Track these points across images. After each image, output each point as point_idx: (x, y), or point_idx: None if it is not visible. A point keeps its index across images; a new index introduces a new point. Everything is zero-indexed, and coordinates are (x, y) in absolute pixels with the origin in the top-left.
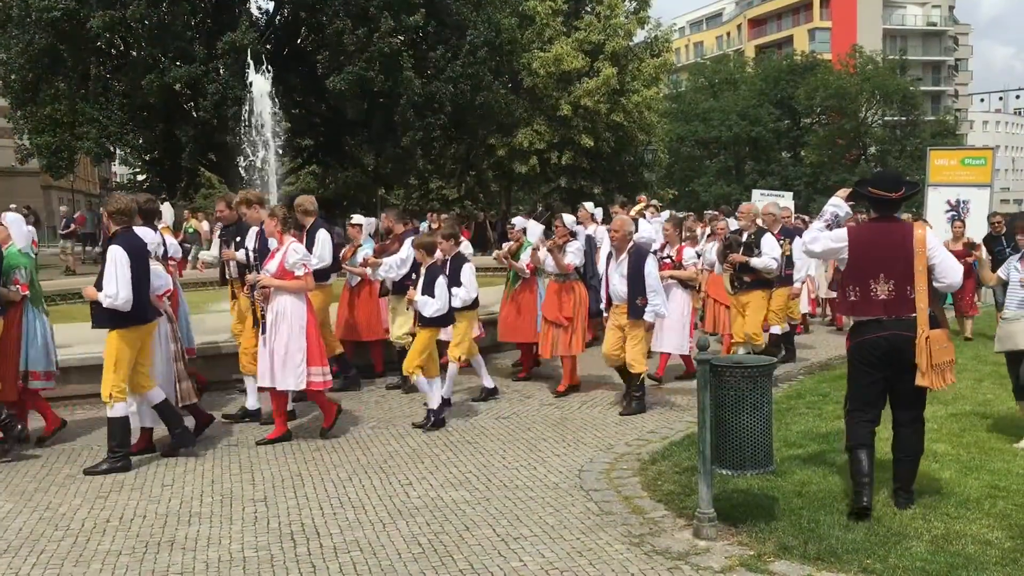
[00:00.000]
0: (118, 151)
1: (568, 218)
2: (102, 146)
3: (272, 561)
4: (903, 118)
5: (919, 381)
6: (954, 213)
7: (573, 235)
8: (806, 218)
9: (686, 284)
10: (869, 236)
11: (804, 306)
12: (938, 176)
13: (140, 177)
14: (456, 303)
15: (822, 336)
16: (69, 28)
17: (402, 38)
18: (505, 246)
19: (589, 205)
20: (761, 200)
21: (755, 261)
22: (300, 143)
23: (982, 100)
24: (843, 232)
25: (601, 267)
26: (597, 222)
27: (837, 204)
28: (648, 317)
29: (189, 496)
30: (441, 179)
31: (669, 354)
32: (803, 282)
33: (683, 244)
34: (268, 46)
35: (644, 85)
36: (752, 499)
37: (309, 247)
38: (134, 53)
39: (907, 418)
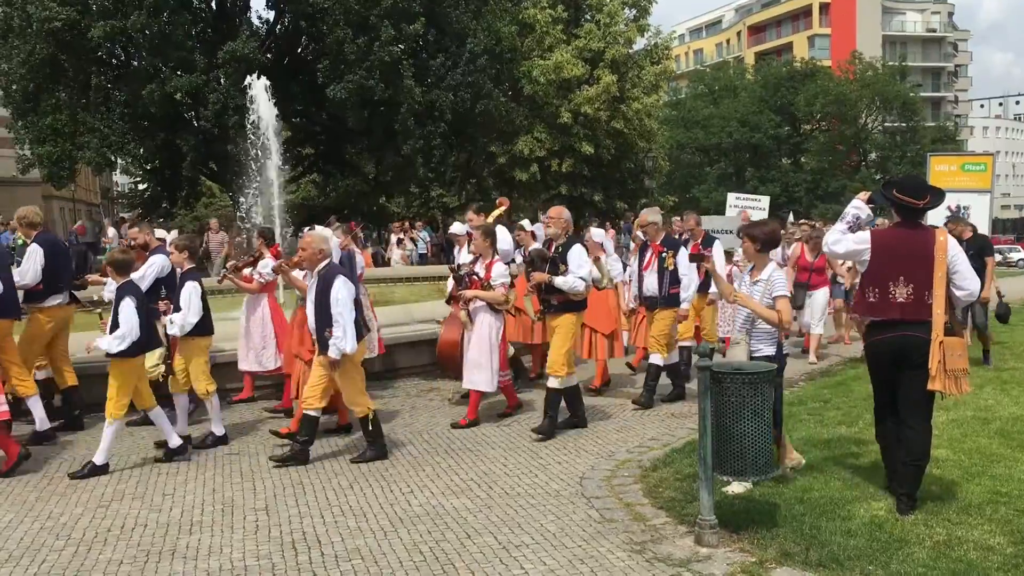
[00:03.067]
0: (119, 161)
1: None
2: (103, 156)
3: (274, 570)
4: (903, 124)
5: (931, 385)
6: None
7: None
8: (816, 223)
9: (495, 307)
10: (892, 240)
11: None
12: (938, 182)
13: (141, 186)
14: (173, 330)
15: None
16: (70, 38)
17: (402, 47)
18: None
19: (525, 223)
20: (737, 205)
21: (558, 281)
22: (301, 151)
23: (982, 106)
24: (866, 235)
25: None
26: (535, 240)
27: (859, 207)
28: (332, 353)
29: (190, 505)
30: (442, 187)
31: (480, 392)
32: (713, 301)
33: (494, 259)
34: (268, 55)
35: (644, 92)
36: (753, 506)
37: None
38: (135, 63)
39: (914, 422)
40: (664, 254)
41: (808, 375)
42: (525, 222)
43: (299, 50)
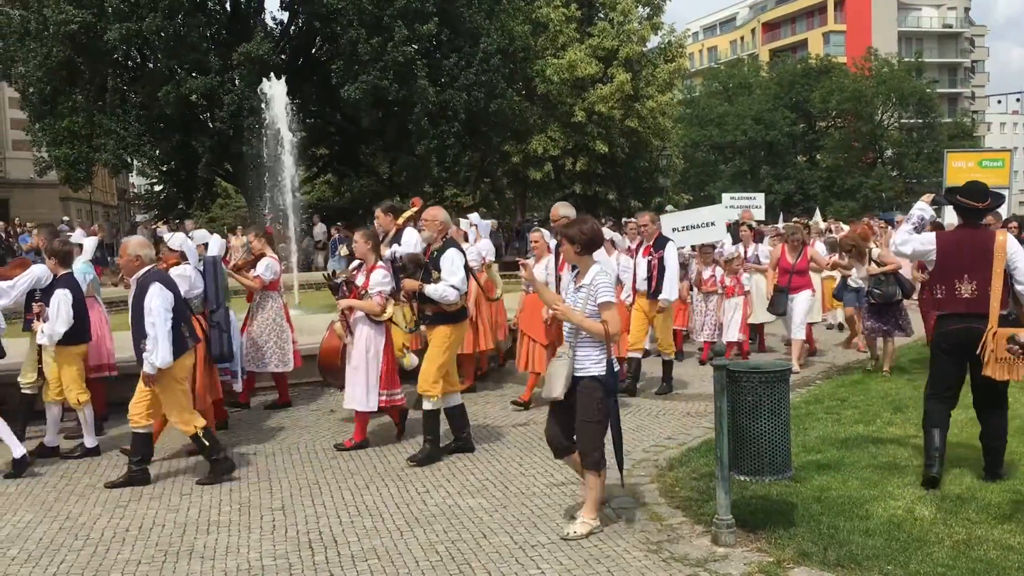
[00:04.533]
0: (135, 162)
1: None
2: (119, 157)
3: (290, 569)
4: (919, 120)
5: (984, 371)
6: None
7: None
8: (814, 223)
9: (375, 319)
10: (956, 241)
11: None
12: (956, 178)
13: (157, 188)
14: (43, 339)
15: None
16: (86, 41)
17: (416, 47)
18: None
19: (474, 216)
20: (732, 204)
21: (428, 289)
22: (315, 152)
23: (999, 102)
24: (931, 236)
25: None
26: (480, 235)
27: (923, 208)
28: (146, 368)
29: (208, 505)
30: (456, 187)
31: (366, 413)
32: (663, 309)
33: (376, 264)
34: (283, 56)
35: (658, 90)
36: (770, 505)
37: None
38: (151, 65)
39: (988, 406)
40: (652, 255)
41: (825, 373)
42: (473, 215)
43: (313, 51)
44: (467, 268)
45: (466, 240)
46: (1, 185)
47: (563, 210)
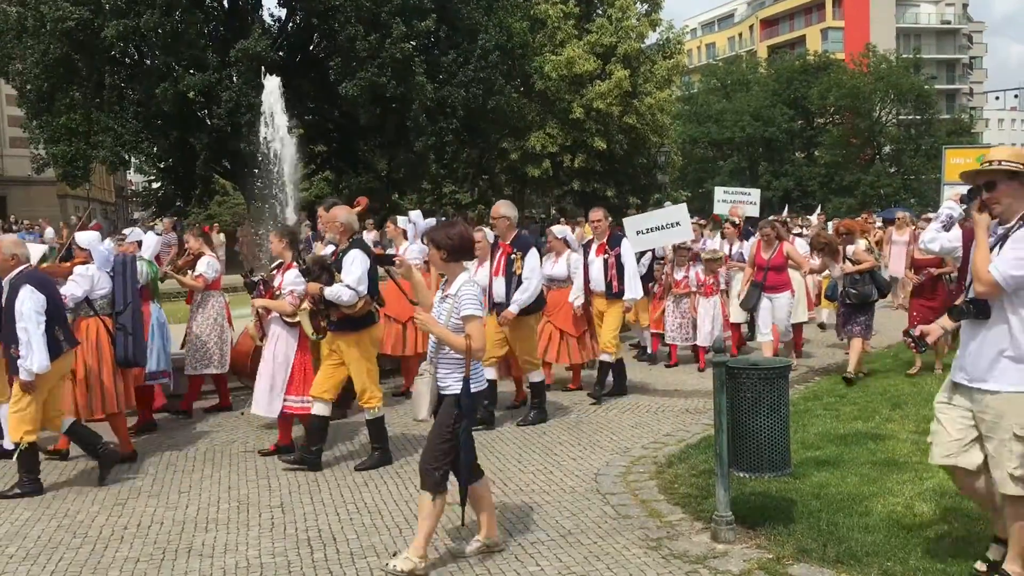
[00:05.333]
0: (133, 159)
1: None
2: (117, 155)
3: (289, 567)
4: (918, 117)
5: None
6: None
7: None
8: (788, 218)
9: (288, 321)
10: None
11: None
12: (954, 175)
13: (155, 185)
14: None
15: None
16: (84, 38)
17: (414, 43)
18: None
19: (413, 213)
20: (725, 199)
21: (328, 291)
22: (313, 149)
23: (997, 98)
24: (958, 233)
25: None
26: (418, 233)
27: (951, 207)
28: (22, 375)
29: (206, 502)
30: (454, 183)
31: (288, 415)
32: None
33: (292, 263)
34: (280, 53)
35: (656, 87)
36: (770, 502)
37: None
38: (148, 62)
39: None
40: (513, 256)
41: (824, 370)
42: (414, 213)
43: (311, 48)
44: (373, 271)
45: (405, 238)
46: None
47: (504, 209)
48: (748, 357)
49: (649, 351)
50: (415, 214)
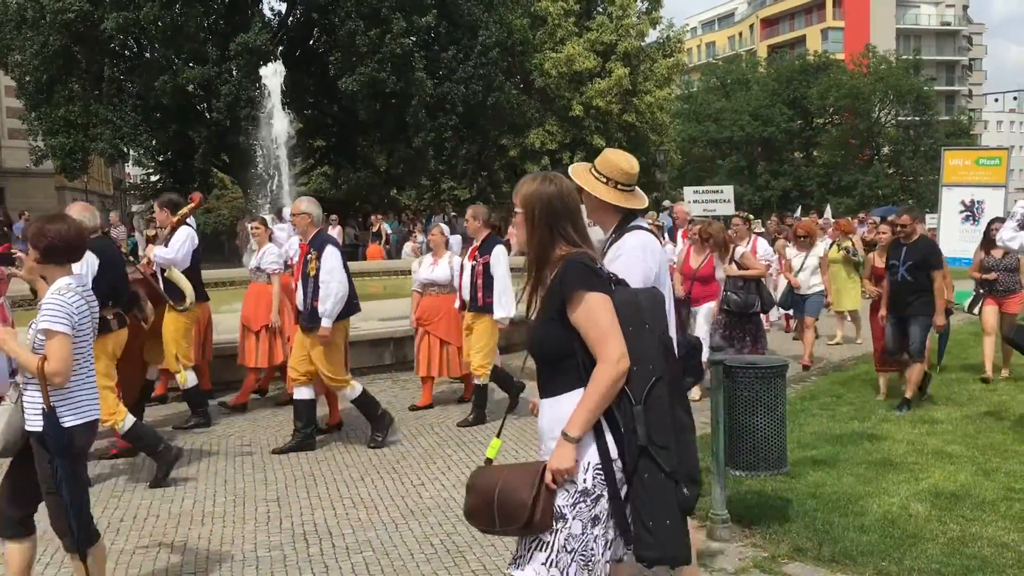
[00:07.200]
0: (132, 152)
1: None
2: (116, 147)
3: (285, 561)
4: (917, 118)
5: None
6: (967, 214)
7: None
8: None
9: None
10: None
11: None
12: (952, 176)
13: (153, 178)
14: None
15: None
16: (83, 30)
17: (414, 39)
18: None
19: (287, 211)
20: (695, 199)
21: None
22: (312, 144)
23: (996, 100)
24: None
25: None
26: (291, 235)
27: None
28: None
29: (203, 496)
30: (453, 180)
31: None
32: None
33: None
34: (280, 47)
35: (656, 85)
36: (766, 501)
37: None
38: (148, 54)
39: None
40: (309, 256)
41: (820, 370)
42: (286, 210)
43: (311, 42)
44: (115, 275)
45: (270, 240)
46: None
47: (304, 205)
48: (744, 356)
49: None
50: (286, 211)
